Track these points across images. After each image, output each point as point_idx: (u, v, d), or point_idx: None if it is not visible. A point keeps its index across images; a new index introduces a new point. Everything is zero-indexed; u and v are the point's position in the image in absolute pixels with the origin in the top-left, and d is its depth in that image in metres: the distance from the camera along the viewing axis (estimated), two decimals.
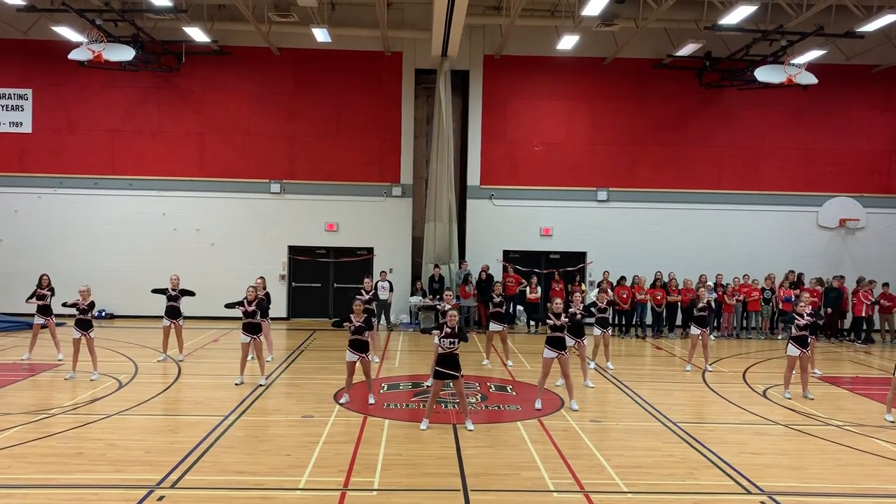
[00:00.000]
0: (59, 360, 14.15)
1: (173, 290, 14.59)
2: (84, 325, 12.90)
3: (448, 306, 12.62)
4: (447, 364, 10.17)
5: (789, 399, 12.32)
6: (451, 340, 10.08)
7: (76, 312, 12.95)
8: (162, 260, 20.55)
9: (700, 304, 14.92)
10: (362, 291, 15.01)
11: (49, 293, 14.45)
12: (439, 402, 11.35)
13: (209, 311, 18.27)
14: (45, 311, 14.38)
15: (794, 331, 12.41)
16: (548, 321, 11.36)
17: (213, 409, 10.92)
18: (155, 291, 14.77)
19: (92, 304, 13.07)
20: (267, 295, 14.52)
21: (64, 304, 13.15)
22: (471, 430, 9.96)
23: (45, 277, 14.63)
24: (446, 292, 15.58)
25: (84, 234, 21.04)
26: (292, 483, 7.90)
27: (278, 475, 8.12)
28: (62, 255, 20.68)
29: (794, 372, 12.73)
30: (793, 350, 12.43)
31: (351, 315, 11.27)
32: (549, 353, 11.36)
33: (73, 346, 12.92)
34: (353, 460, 8.67)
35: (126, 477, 7.99)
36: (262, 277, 14.86)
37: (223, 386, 12.49)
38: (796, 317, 12.40)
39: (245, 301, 12.61)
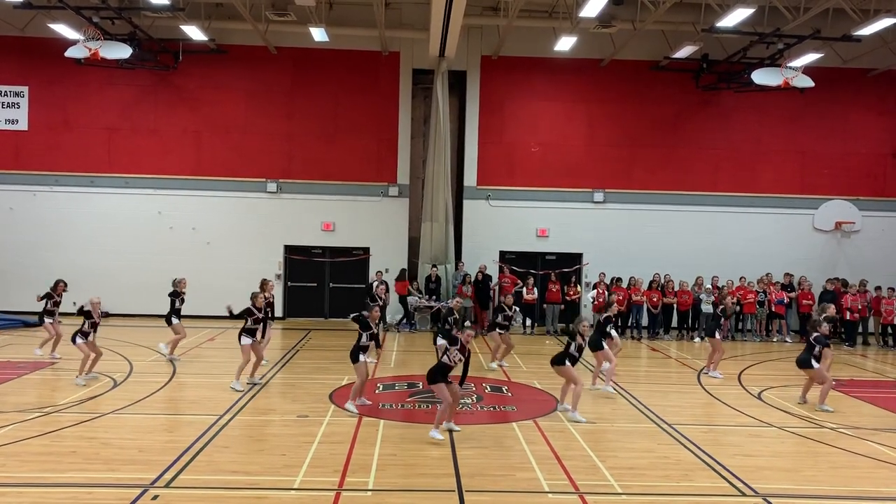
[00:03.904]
0: (57, 358, 14.14)
1: (183, 291, 14.64)
2: (87, 334, 12.68)
3: (457, 316, 12.49)
4: (449, 370, 10.21)
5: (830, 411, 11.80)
6: (461, 358, 10.10)
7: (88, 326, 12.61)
8: (157, 258, 20.50)
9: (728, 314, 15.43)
10: (377, 297, 15.02)
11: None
12: (433, 402, 11.34)
13: (204, 311, 18.22)
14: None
15: (817, 350, 12.01)
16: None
17: (207, 409, 10.89)
18: (172, 298, 14.53)
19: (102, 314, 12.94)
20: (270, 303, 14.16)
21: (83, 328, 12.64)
22: (457, 431, 9.93)
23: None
24: (456, 300, 15.21)
25: (80, 233, 20.94)
26: (287, 483, 7.89)
27: (273, 475, 8.11)
28: (58, 253, 20.58)
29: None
30: (816, 363, 11.98)
31: (367, 318, 11.13)
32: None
33: (81, 351, 12.48)
34: (347, 460, 8.66)
35: (120, 476, 7.98)
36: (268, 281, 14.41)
37: (218, 385, 12.44)
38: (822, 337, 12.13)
39: (253, 308, 12.48)
